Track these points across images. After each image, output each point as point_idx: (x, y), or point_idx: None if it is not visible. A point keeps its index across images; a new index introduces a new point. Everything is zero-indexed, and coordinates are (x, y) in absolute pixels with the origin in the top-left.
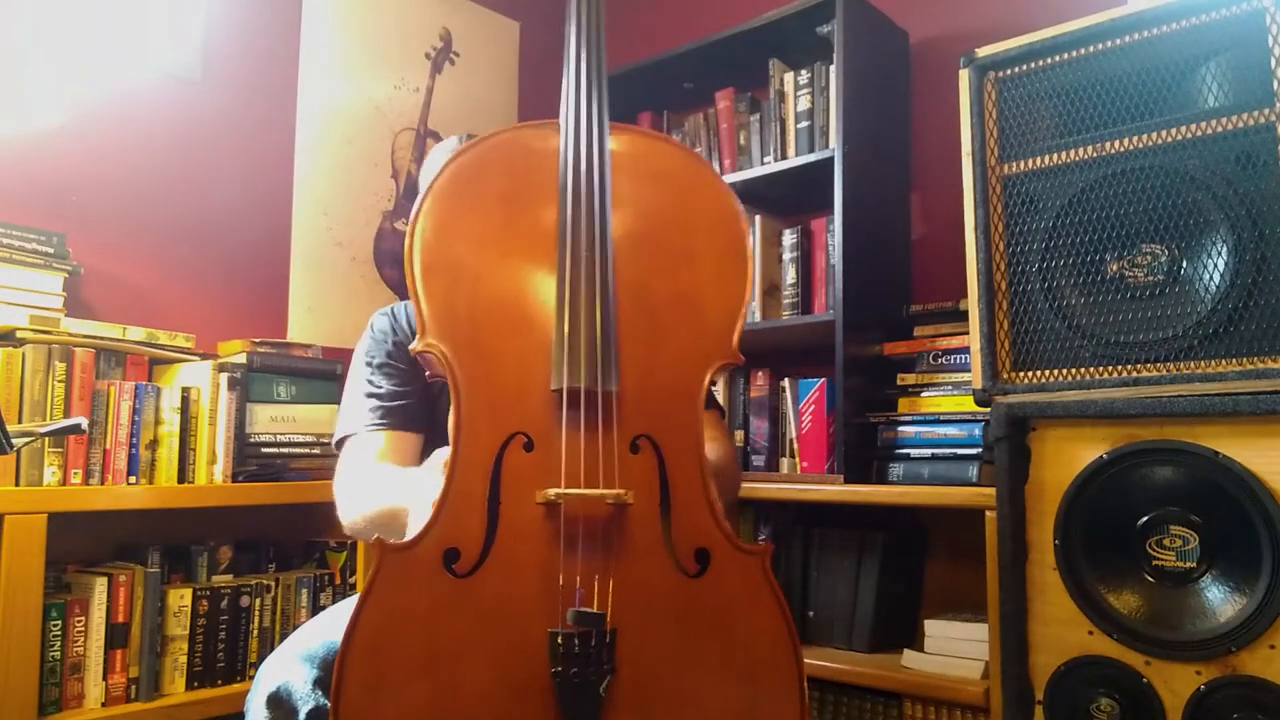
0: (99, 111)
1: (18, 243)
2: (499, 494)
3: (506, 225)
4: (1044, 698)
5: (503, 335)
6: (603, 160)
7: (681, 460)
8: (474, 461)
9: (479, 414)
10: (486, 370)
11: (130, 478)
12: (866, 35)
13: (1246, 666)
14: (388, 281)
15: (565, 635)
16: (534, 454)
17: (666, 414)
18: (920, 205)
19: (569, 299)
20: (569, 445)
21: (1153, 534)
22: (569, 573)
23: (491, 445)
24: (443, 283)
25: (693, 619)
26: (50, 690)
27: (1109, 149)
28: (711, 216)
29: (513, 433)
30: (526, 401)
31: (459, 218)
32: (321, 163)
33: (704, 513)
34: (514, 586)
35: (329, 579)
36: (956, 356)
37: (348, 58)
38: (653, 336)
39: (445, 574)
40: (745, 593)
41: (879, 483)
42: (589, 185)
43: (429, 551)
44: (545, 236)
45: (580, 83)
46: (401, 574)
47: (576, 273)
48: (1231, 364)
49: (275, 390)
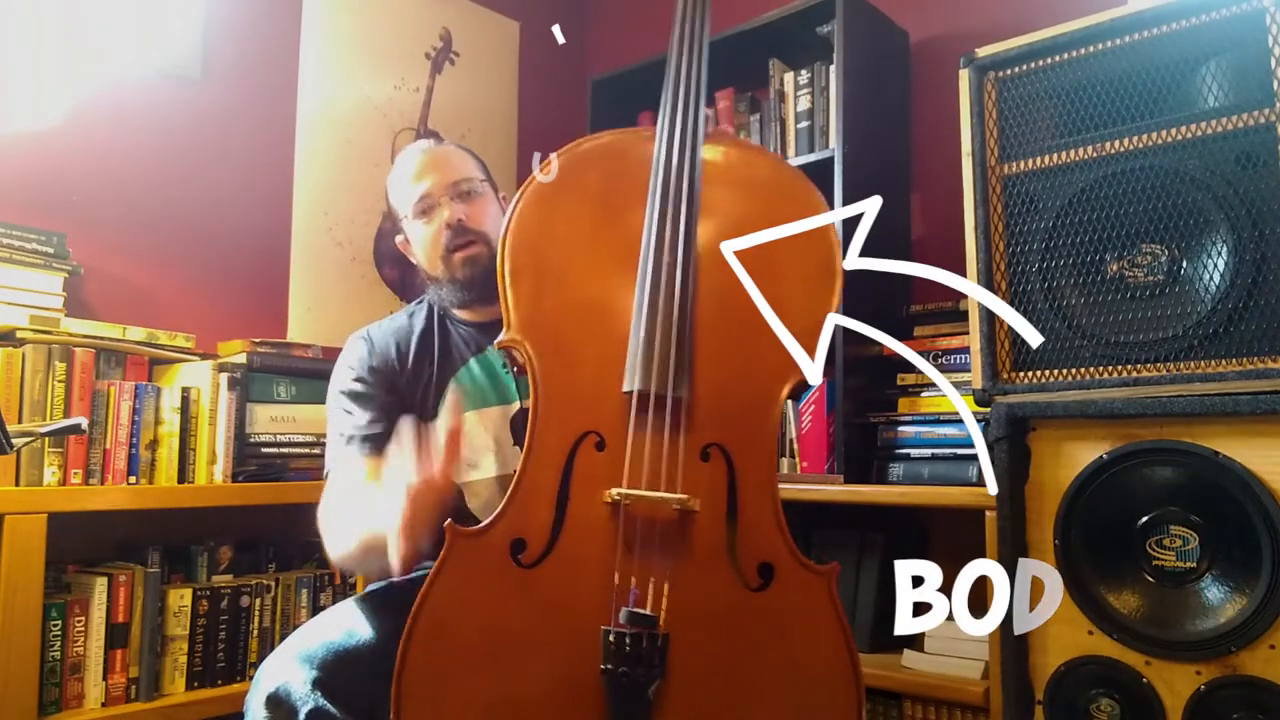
0: (99, 111)
1: (18, 243)
2: (569, 490)
3: (596, 228)
4: (1044, 698)
5: (584, 335)
6: (694, 167)
7: (751, 472)
8: (547, 456)
9: (555, 410)
10: (566, 368)
11: (130, 478)
12: (866, 35)
13: (1246, 666)
14: (388, 281)
15: (617, 634)
16: (605, 454)
17: (739, 425)
18: (920, 205)
19: (647, 303)
20: (634, 447)
21: (1153, 534)
22: (625, 572)
23: (565, 442)
24: (531, 280)
25: (750, 634)
26: (50, 690)
27: (1109, 149)
28: (804, 231)
29: (586, 431)
30: (602, 402)
31: (551, 218)
32: (321, 163)
33: (771, 527)
34: (574, 581)
35: (329, 579)
36: (956, 356)
37: (348, 58)
38: (730, 346)
39: (511, 563)
40: (807, 612)
41: (879, 483)
42: (677, 191)
43: (497, 540)
44: (633, 241)
45: (680, 90)
46: (469, 559)
47: (657, 278)
48: (1231, 364)
49: (275, 390)
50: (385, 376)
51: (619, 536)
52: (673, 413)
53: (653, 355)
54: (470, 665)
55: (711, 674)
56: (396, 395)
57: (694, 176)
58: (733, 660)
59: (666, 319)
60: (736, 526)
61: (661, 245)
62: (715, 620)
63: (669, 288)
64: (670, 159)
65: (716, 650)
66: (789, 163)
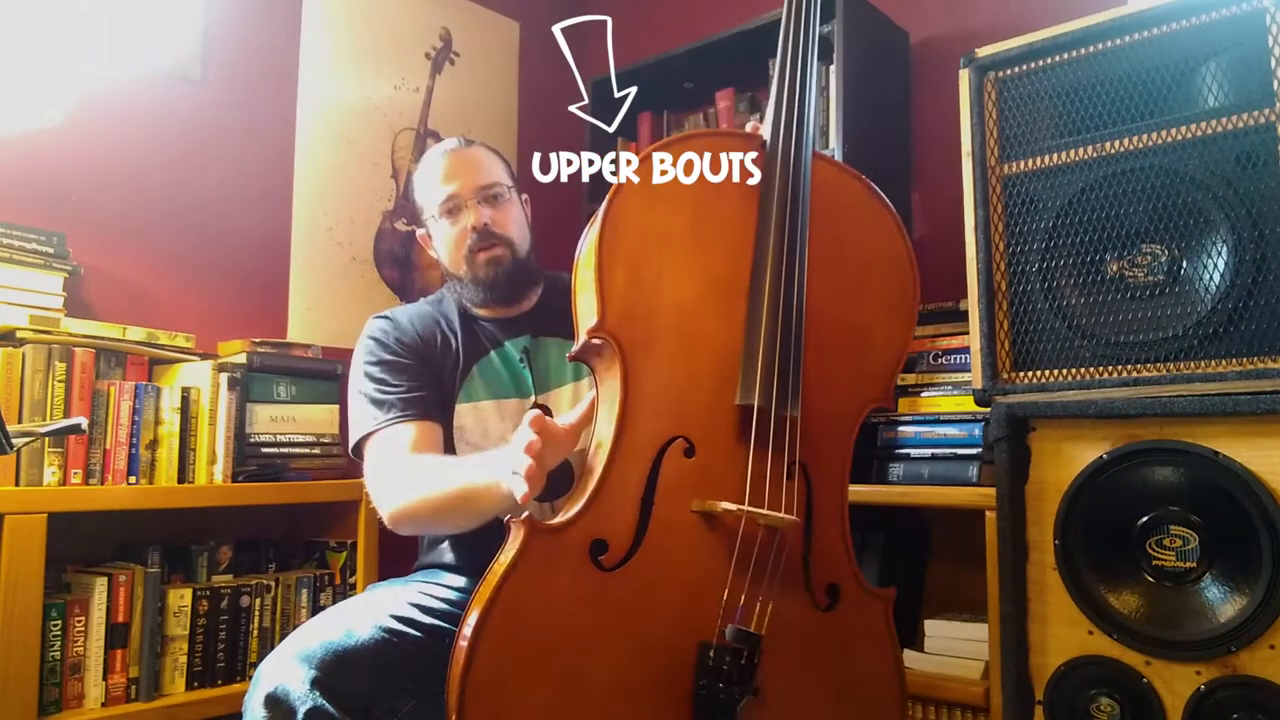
0: (99, 111)
1: (18, 243)
2: (654, 494)
3: (696, 231)
4: (1044, 698)
5: (679, 337)
6: (807, 180)
7: (828, 493)
8: (632, 457)
9: (643, 411)
10: (658, 368)
11: (130, 478)
12: (866, 35)
13: (1246, 666)
14: (388, 281)
15: (718, 650)
16: (693, 460)
17: (822, 445)
18: (920, 205)
19: (766, 317)
20: (745, 463)
21: (1153, 534)
22: (735, 589)
23: (653, 444)
24: (626, 273)
25: (817, 651)
26: (50, 690)
27: (1109, 149)
28: (888, 258)
29: (674, 435)
30: (691, 407)
31: (650, 214)
32: (321, 163)
33: (840, 548)
34: (657, 589)
35: (329, 579)
36: (956, 356)
37: (348, 57)
38: (830, 368)
39: (590, 564)
40: (867, 634)
41: (879, 483)
42: (794, 204)
43: (577, 539)
44: (734, 249)
45: (790, 102)
46: (547, 557)
47: (775, 293)
48: (1231, 364)
49: (275, 390)
50: (413, 349)
51: (715, 549)
52: (787, 433)
53: (773, 372)
54: (541, 667)
55: (785, 691)
56: (426, 366)
57: (807, 189)
58: (802, 678)
59: (786, 337)
60: (811, 546)
61: (780, 261)
62: (792, 639)
63: (787, 305)
64: (786, 168)
65: (790, 667)
66: (874, 187)
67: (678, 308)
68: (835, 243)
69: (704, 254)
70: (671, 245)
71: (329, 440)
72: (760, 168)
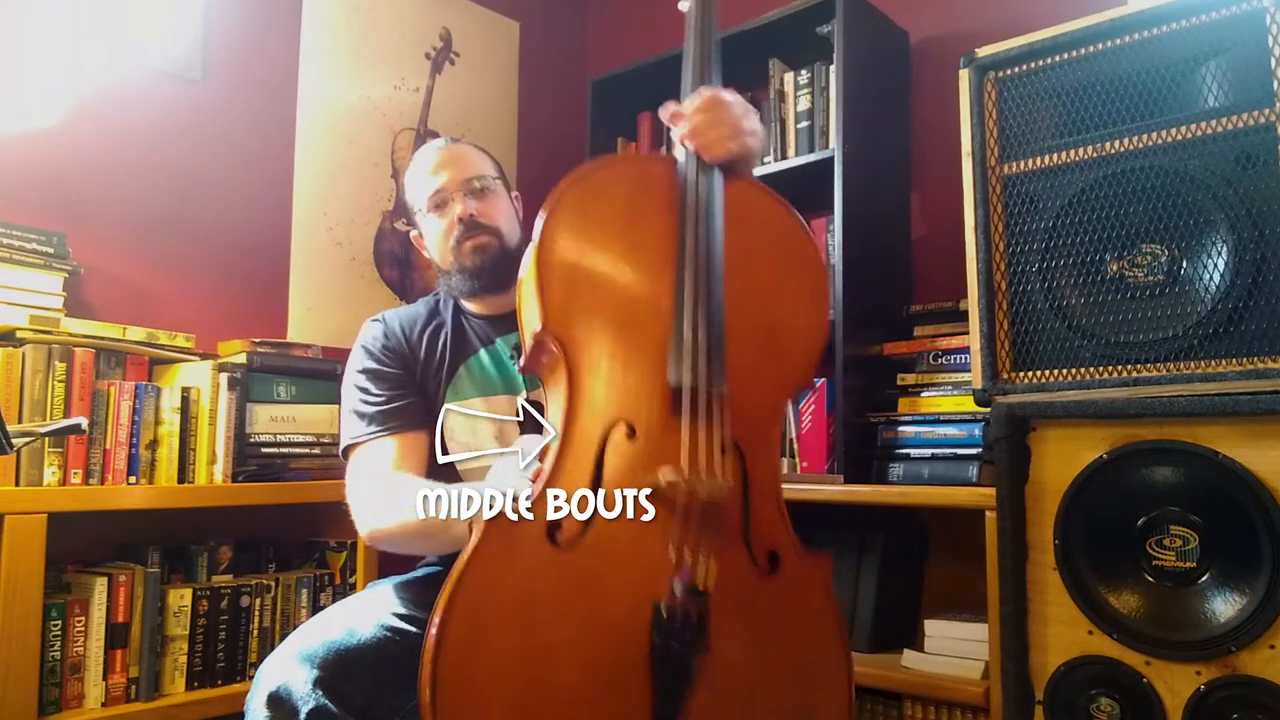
0: (99, 111)
1: (18, 243)
2: (601, 476)
3: (627, 235)
4: (1044, 698)
5: (615, 330)
6: (718, 190)
7: (761, 468)
8: (581, 444)
9: (587, 401)
10: (596, 363)
11: (130, 478)
12: (866, 35)
13: (1246, 666)
14: (388, 281)
15: (669, 608)
16: (635, 442)
17: (752, 425)
18: (920, 205)
19: (688, 303)
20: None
21: (1153, 534)
22: (679, 549)
23: (598, 430)
24: (565, 277)
25: (764, 613)
26: (50, 690)
27: (1109, 149)
28: (798, 259)
29: (617, 419)
30: (630, 395)
31: (585, 221)
32: (321, 163)
33: (777, 519)
34: (610, 562)
35: (329, 579)
36: (956, 356)
37: (348, 57)
38: (746, 352)
39: (548, 544)
40: (808, 597)
41: (879, 483)
42: (707, 208)
43: (533, 522)
44: (661, 248)
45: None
46: (505, 540)
47: (696, 280)
48: (1231, 364)
49: (275, 390)
50: (400, 356)
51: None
52: (716, 406)
53: (697, 354)
54: (508, 644)
55: (736, 651)
56: (410, 373)
57: (719, 204)
58: (750, 639)
59: (708, 323)
60: (750, 519)
61: (697, 256)
62: (738, 599)
63: (706, 290)
64: (695, 178)
65: (739, 627)
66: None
67: (611, 308)
68: (750, 249)
69: (632, 261)
70: (607, 250)
71: (329, 440)
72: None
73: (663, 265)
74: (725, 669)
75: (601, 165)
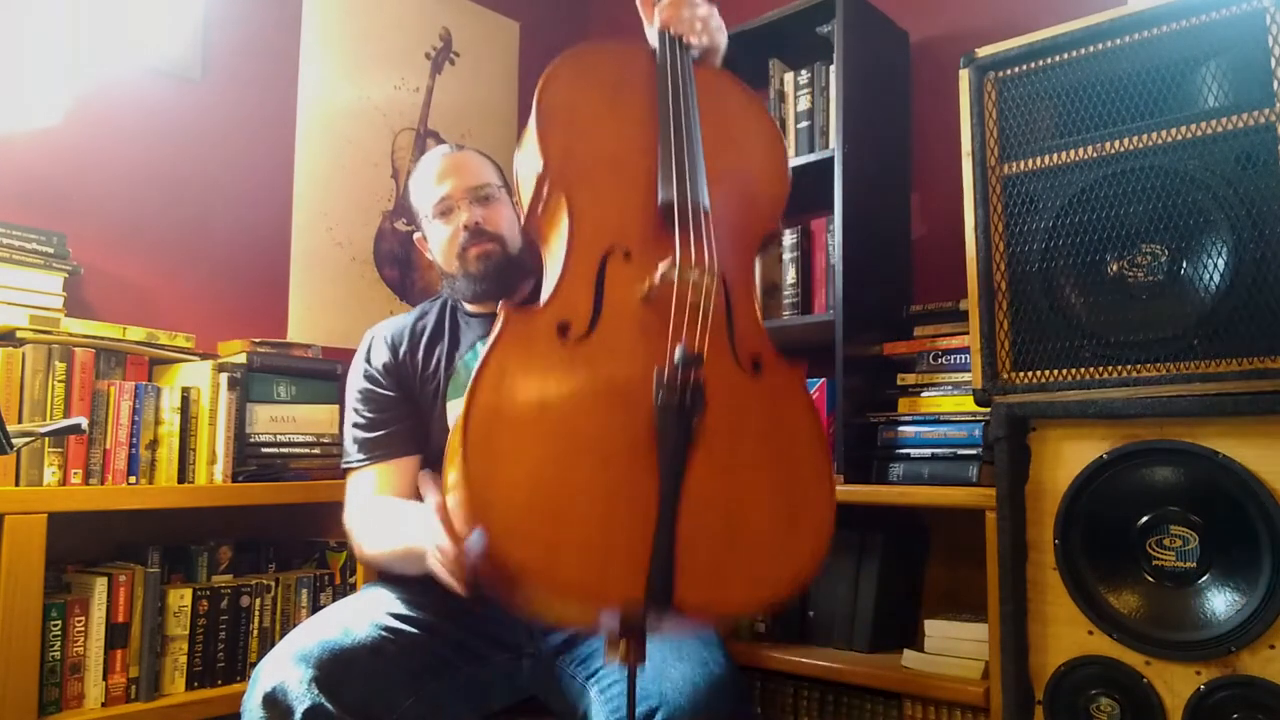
0: (99, 111)
1: (18, 243)
2: (603, 286)
3: (616, 93)
4: (1044, 698)
5: (607, 176)
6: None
7: (739, 288)
8: (582, 264)
9: (586, 232)
10: (594, 202)
11: (130, 478)
12: (866, 35)
13: (1246, 666)
14: (388, 281)
15: (670, 370)
16: (632, 261)
17: (729, 260)
18: (920, 205)
19: (674, 138)
20: (678, 234)
21: (1153, 534)
22: (676, 326)
23: (596, 252)
24: (562, 133)
25: (751, 406)
26: (50, 690)
27: (1109, 149)
28: (760, 123)
29: (613, 245)
30: (625, 225)
31: (578, 82)
32: (321, 162)
33: (757, 330)
34: (615, 352)
35: (329, 579)
36: (956, 356)
37: (348, 57)
38: (721, 189)
39: (558, 339)
40: (789, 395)
41: (879, 483)
42: (684, 72)
43: (545, 321)
44: (644, 106)
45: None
46: (521, 335)
47: (677, 121)
48: (1231, 364)
49: (275, 390)
50: (395, 374)
51: (670, 309)
52: (701, 218)
53: (684, 172)
54: (527, 416)
55: (728, 424)
56: (406, 390)
57: (690, 68)
58: (741, 417)
59: (690, 155)
60: (734, 328)
61: (677, 106)
62: (729, 392)
63: (689, 135)
64: (674, 55)
65: (730, 406)
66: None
67: (604, 155)
68: (719, 115)
69: (619, 116)
70: (595, 111)
71: (329, 440)
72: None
73: (646, 120)
74: (722, 442)
75: (590, 44)
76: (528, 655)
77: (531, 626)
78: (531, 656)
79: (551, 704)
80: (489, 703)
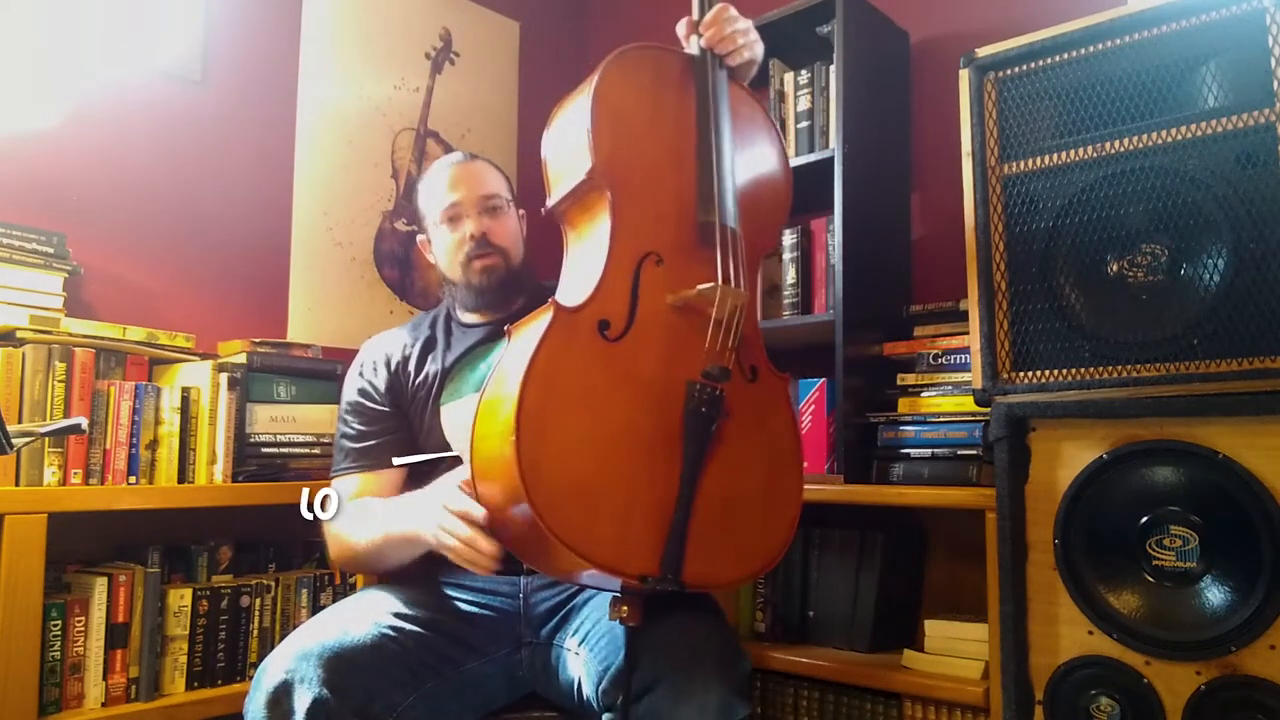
0: (99, 111)
1: (18, 243)
2: (638, 292)
3: (656, 103)
4: (1044, 698)
5: (648, 183)
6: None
7: (750, 305)
8: (620, 266)
9: (627, 233)
10: (634, 204)
11: (130, 478)
12: (866, 35)
13: (1246, 666)
14: (388, 281)
15: (701, 385)
16: (663, 267)
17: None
18: (920, 205)
19: (714, 161)
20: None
21: (1153, 534)
22: (713, 340)
23: (633, 257)
24: (610, 136)
25: (748, 409)
26: (50, 690)
27: (1109, 149)
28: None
29: (648, 251)
30: (660, 231)
31: (626, 89)
32: (321, 163)
33: (757, 342)
34: (650, 353)
35: (329, 579)
36: (956, 356)
37: (348, 58)
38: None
39: (598, 336)
40: (776, 402)
41: (879, 483)
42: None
43: (587, 318)
44: (683, 119)
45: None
46: (567, 328)
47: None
48: (1231, 364)
49: (275, 390)
50: (389, 391)
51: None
52: (730, 239)
53: (723, 197)
54: (573, 398)
55: (735, 430)
56: (397, 404)
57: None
58: (742, 423)
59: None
60: (741, 340)
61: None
62: (736, 397)
63: (725, 157)
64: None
65: (737, 413)
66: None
67: (646, 160)
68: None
69: (660, 125)
70: (643, 115)
71: (329, 440)
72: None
73: (683, 131)
74: (729, 443)
75: (638, 46)
76: (527, 645)
77: (529, 616)
78: (530, 645)
79: (551, 693)
80: (490, 700)
